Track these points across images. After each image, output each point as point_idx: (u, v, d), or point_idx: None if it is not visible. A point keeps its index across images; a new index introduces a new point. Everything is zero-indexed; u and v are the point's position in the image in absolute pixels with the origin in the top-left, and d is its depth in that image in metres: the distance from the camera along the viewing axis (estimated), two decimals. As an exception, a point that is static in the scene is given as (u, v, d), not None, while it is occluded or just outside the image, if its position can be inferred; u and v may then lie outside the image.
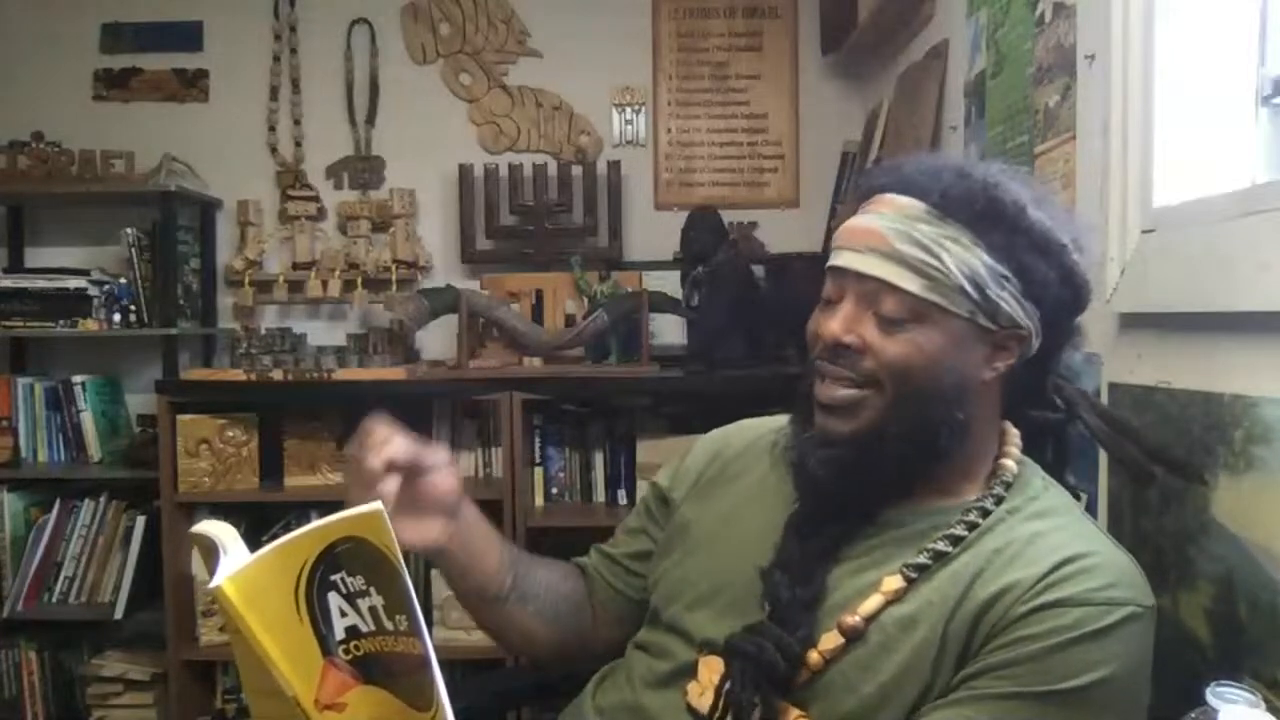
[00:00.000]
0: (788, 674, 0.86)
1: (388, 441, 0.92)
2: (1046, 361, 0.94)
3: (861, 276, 0.87)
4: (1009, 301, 0.86)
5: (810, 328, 0.92)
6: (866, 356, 0.87)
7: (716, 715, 0.89)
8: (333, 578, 0.66)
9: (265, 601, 0.63)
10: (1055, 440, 1.01)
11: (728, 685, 0.88)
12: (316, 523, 0.67)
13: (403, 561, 0.69)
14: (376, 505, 0.68)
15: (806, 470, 0.91)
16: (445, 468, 0.97)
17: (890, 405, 0.87)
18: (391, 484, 0.90)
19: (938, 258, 0.84)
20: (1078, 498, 1.00)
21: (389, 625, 0.68)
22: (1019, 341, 0.88)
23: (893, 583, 0.86)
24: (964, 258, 0.84)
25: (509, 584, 1.05)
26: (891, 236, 0.86)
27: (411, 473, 0.93)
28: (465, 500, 1.01)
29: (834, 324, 0.88)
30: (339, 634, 0.66)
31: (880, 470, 0.88)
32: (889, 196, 0.89)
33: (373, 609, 0.68)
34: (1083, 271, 0.89)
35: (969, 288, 0.84)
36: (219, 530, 0.65)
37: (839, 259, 0.90)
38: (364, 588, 0.67)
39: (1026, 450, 0.95)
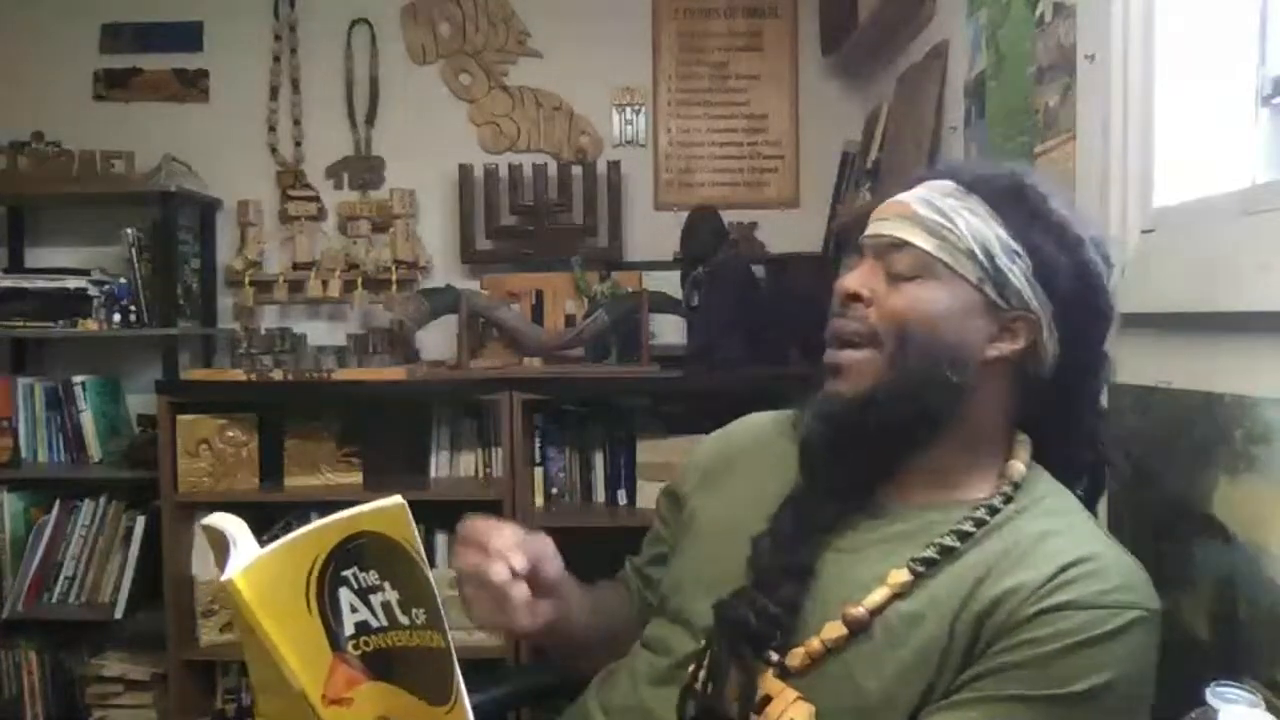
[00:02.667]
0: (763, 635, 0.87)
1: (507, 547, 0.91)
2: (1078, 388, 0.94)
3: (880, 236, 0.92)
4: (1018, 277, 0.88)
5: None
6: (871, 309, 0.91)
7: (700, 680, 0.90)
8: (344, 573, 0.66)
9: (276, 596, 0.63)
10: (1091, 479, 1.00)
11: (710, 649, 0.90)
12: (334, 516, 0.66)
13: (424, 555, 0.69)
14: (398, 500, 0.68)
15: (805, 429, 0.95)
16: (550, 550, 0.97)
17: (888, 361, 0.89)
18: (521, 589, 0.90)
19: (952, 221, 0.89)
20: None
21: (404, 620, 0.68)
22: (1027, 327, 0.89)
23: (899, 576, 0.86)
24: (977, 226, 0.88)
25: (597, 631, 1.09)
26: (915, 204, 0.91)
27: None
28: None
29: (850, 278, 0.93)
30: (348, 630, 0.66)
31: (875, 432, 0.89)
32: (925, 183, 0.95)
33: (386, 604, 0.68)
34: (1099, 273, 0.90)
35: (978, 252, 0.87)
36: (229, 523, 0.65)
37: (868, 230, 0.95)
38: (377, 583, 0.67)
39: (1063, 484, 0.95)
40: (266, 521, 2.39)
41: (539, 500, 2.44)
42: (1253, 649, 0.88)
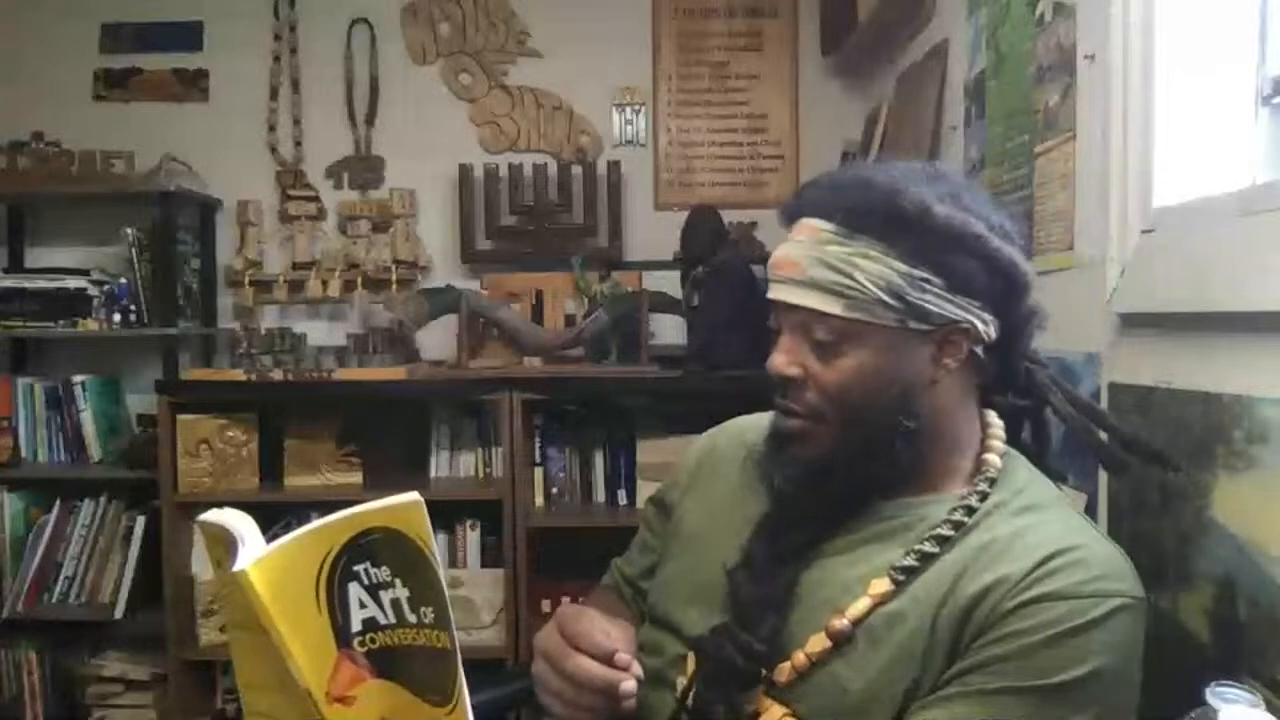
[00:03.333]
0: (748, 672, 0.87)
1: (629, 660, 0.88)
2: (1010, 345, 0.93)
3: (790, 308, 0.90)
4: (934, 302, 0.86)
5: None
6: (809, 387, 0.90)
7: (689, 705, 0.90)
8: (356, 568, 0.65)
9: (287, 589, 0.62)
10: (1033, 426, 1.01)
11: (695, 686, 0.89)
12: (349, 511, 0.65)
13: (436, 554, 0.68)
14: (415, 496, 0.67)
15: (774, 485, 0.95)
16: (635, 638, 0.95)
17: (839, 432, 0.89)
18: (631, 685, 0.86)
19: (850, 276, 0.85)
20: (1064, 479, 1.00)
21: (411, 618, 0.67)
22: (964, 335, 0.88)
23: (880, 585, 0.86)
24: (875, 270, 0.85)
25: None
26: (804, 264, 0.88)
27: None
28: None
29: (778, 358, 0.91)
30: (356, 625, 0.66)
31: (844, 485, 0.90)
32: (803, 221, 0.90)
33: (395, 601, 0.67)
34: (1008, 257, 0.88)
35: (887, 298, 0.85)
36: (233, 519, 0.64)
37: (771, 292, 0.92)
38: (388, 579, 0.67)
39: (1007, 434, 0.95)
40: (267, 521, 2.38)
41: (539, 500, 2.44)
42: (1253, 649, 0.88)
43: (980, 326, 0.88)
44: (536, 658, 0.93)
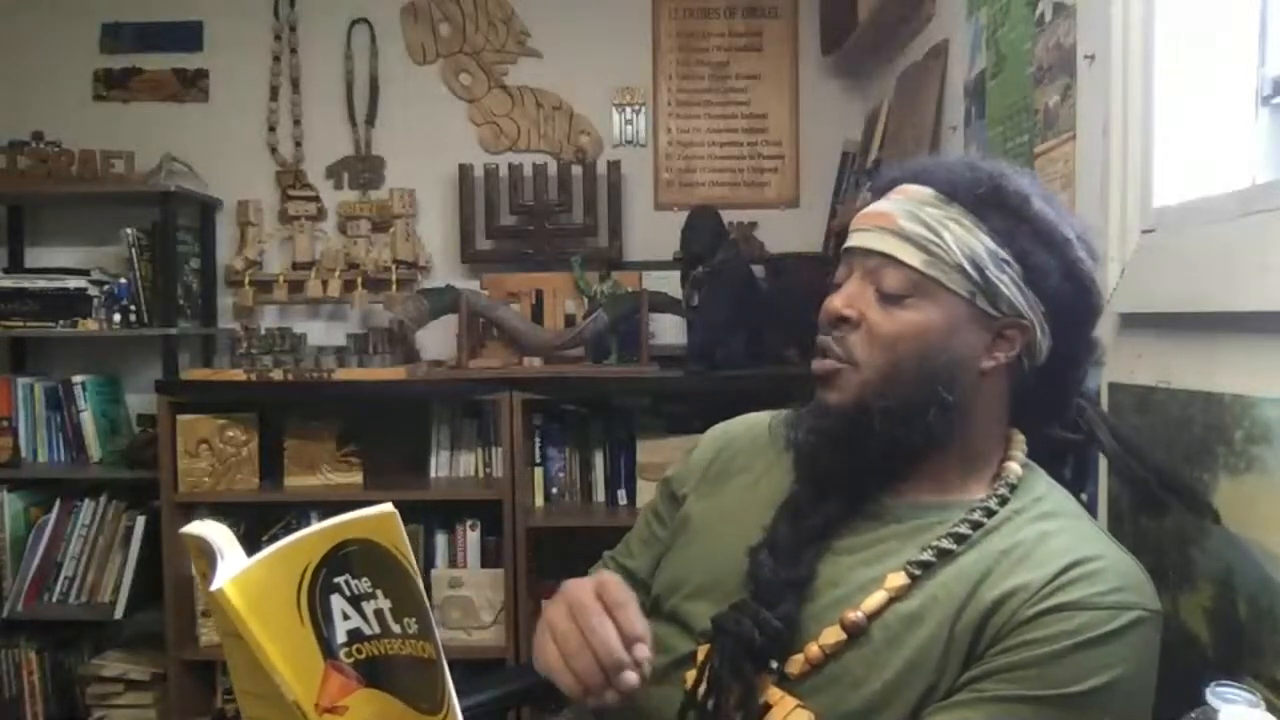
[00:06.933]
0: (765, 649, 0.86)
1: (645, 640, 0.82)
2: (1066, 376, 0.94)
3: (867, 253, 0.91)
4: (1009, 286, 0.87)
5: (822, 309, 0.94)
6: (860, 332, 0.89)
7: (700, 692, 0.89)
8: (336, 580, 0.65)
9: (267, 604, 0.62)
10: (1077, 462, 1.01)
11: (711, 663, 0.89)
12: (324, 523, 0.65)
13: (414, 563, 0.68)
14: (389, 507, 0.67)
15: (797, 441, 0.94)
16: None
17: (875, 383, 0.89)
18: (633, 679, 0.81)
19: (939, 235, 0.87)
20: (1094, 515, 0.99)
21: (395, 628, 0.67)
22: (1021, 333, 0.89)
23: (897, 579, 0.86)
24: (965, 238, 0.87)
25: None
26: (898, 216, 0.89)
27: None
28: None
29: (836, 298, 0.92)
30: (340, 637, 0.65)
31: (868, 445, 0.89)
32: (903, 185, 0.93)
33: (378, 612, 0.67)
34: (1088, 270, 0.90)
35: (968, 266, 0.86)
36: (213, 531, 0.64)
37: (850, 240, 0.93)
38: (370, 590, 0.67)
39: (1048, 468, 0.95)
40: (267, 521, 2.39)
41: (539, 500, 2.44)
42: (1253, 649, 0.88)
43: (1037, 333, 0.89)
44: (557, 600, 0.88)
